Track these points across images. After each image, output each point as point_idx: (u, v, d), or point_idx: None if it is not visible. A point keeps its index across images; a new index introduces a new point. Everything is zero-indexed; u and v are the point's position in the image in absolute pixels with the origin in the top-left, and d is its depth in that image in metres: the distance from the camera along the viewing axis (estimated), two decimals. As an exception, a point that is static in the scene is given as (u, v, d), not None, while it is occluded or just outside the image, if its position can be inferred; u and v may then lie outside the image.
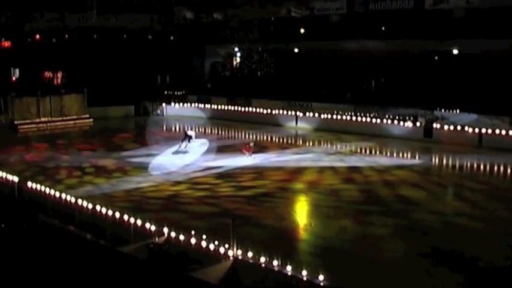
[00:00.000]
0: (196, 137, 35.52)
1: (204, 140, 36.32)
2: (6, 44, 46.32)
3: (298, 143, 38.10)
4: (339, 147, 35.49)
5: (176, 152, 33.06)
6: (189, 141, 34.07)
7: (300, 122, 42.08)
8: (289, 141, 38.09)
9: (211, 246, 15.80)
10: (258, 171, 28.61)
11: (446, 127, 35.11)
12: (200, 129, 42.09)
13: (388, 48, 41.82)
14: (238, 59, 53.07)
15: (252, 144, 31.64)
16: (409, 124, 36.79)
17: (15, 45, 46.43)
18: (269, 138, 38.43)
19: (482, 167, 30.06)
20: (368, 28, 42.68)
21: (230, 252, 15.54)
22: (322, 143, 36.72)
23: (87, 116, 45.31)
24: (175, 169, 29.22)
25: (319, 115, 41.02)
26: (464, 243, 18.59)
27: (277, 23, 47.60)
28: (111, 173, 28.63)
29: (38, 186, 22.36)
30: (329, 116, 40.46)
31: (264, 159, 31.07)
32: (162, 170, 28.99)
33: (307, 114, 41.81)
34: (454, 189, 26.83)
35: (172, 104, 49.22)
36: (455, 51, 40.04)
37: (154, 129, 42.10)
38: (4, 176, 24.12)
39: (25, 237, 17.60)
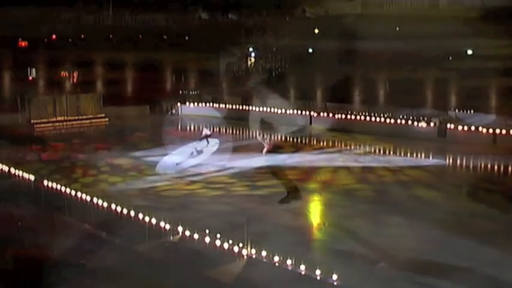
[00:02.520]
0: (211, 136, 35.71)
1: (217, 140, 36.37)
2: (24, 43, 46.76)
3: (312, 143, 38.05)
4: (353, 147, 35.43)
5: (192, 153, 33.17)
6: (207, 140, 34.37)
7: (314, 122, 42.04)
8: (304, 141, 38.04)
9: (226, 245, 15.91)
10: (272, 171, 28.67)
11: (460, 127, 34.96)
12: (215, 129, 42.16)
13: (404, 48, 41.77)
14: (253, 59, 53.19)
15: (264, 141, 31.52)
16: (423, 124, 36.67)
17: (32, 45, 46.84)
18: (283, 138, 38.42)
19: (496, 167, 29.95)
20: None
21: (244, 251, 15.64)
22: (336, 143, 36.65)
23: (103, 115, 45.56)
24: (187, 168, 29.36)
25: (334, 115, 40.99)
26: (479, 244, 18.54)
27: (292, 23, 47.59)
28: (127, 172, 28.83)
29: (54, 185, 22.60)
30: (343, 116, 40.43)
31: (278, 159, 31.11)
32: (173, 169, 29.11)
33: (322, 114, 41.77)
34: (468, 190, 26.73)
35: (188, 103, 49.34)
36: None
37: (169, 128, 42.25)
38: (20, 175, 24.39)
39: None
